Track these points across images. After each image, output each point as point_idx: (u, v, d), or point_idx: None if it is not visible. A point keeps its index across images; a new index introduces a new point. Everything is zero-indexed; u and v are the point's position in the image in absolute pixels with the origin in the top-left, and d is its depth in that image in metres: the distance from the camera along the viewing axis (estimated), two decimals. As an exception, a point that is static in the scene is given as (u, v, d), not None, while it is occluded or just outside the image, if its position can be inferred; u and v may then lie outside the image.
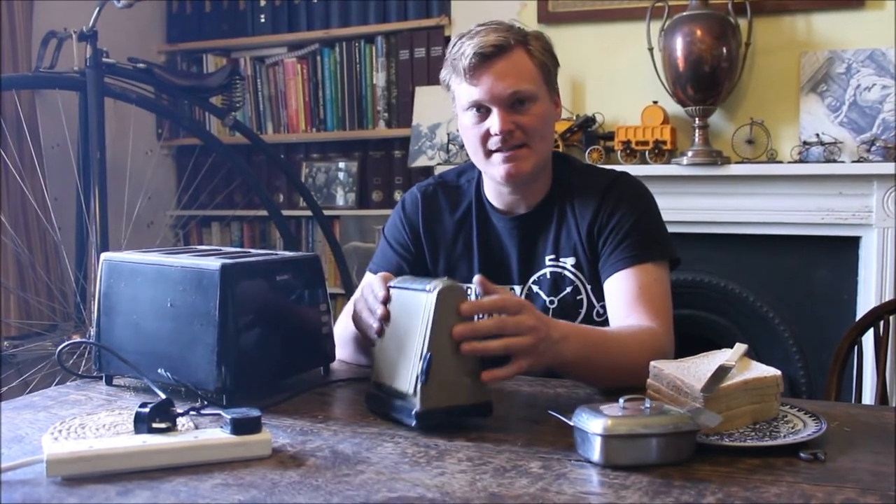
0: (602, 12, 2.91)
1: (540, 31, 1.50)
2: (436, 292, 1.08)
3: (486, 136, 1.45)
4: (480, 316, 1.11)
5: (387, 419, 1.13)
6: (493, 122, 1.43)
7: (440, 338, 1.08)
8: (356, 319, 1.30)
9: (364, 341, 1.34)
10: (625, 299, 1.41)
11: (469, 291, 1.14)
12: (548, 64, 1.48)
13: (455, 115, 1.54)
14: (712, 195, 2.72)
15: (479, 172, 1.58)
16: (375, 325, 1.18)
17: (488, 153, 1.47)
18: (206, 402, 1.13)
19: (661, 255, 1.47)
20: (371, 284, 1.22)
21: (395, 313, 1.16)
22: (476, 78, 1.43)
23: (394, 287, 1.18)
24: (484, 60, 1.41)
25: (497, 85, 1.42)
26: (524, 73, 1.44)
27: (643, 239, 1.46)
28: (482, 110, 1.45)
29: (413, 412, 1.08)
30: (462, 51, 1.43)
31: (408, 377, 1.10)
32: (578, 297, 1.51)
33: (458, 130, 1.62)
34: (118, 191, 2.76)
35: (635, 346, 1.27)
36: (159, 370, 1.23)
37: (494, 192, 1.56)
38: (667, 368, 1.13)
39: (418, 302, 1.10)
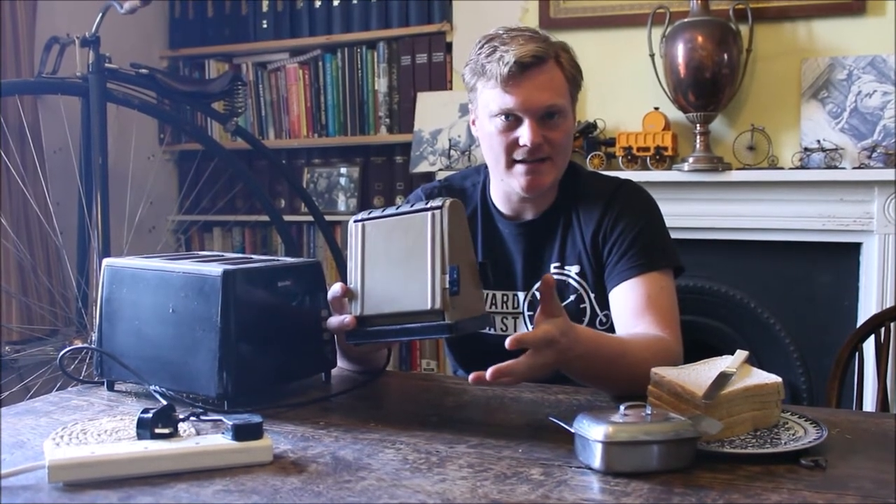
0: (603, 18, 2.92)
1: (566, 43, 1.49)
2: (447, 207, 1.11)
3: (513, 145, 1.44)
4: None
5: (396, 337, 1.16)
6: (524, 133, 1.42)
7: (454, 251, 1.11)
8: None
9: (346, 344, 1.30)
10: (633, 309, 1.41)
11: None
12: (577, 78, 1.48)
13: (474, 116, 1.53)
14: (713, 201, 2.72)
15: (485, 177, 1.58)
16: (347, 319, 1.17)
17: (511, 163, 1.46)
18: (207, 408, 1.13)
19: (666, 263, 1.46)
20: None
21: (384, 242, 1.16)
22: (513, 87, 1.41)
23: (369, 219, 1.18)
24: (523, 70, 1.40)
25: (534, 96, 1.41)
26: (558, 87, 1.44)
27: (648, 248, 1.45)
28: (511, 118, 1.43)
29: (446, 324, 1.09)
30: (499, 56, 1.41)
31: (425, 294, 1.10)
32: (582, 306, 1.50)
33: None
34: (120, 196, 2.76)
35: (650, 357, 1.25)
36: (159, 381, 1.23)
37: (503, 197, 1.55)
38: (668, 375, 1.13)
39: (421, 221, 1.12)
